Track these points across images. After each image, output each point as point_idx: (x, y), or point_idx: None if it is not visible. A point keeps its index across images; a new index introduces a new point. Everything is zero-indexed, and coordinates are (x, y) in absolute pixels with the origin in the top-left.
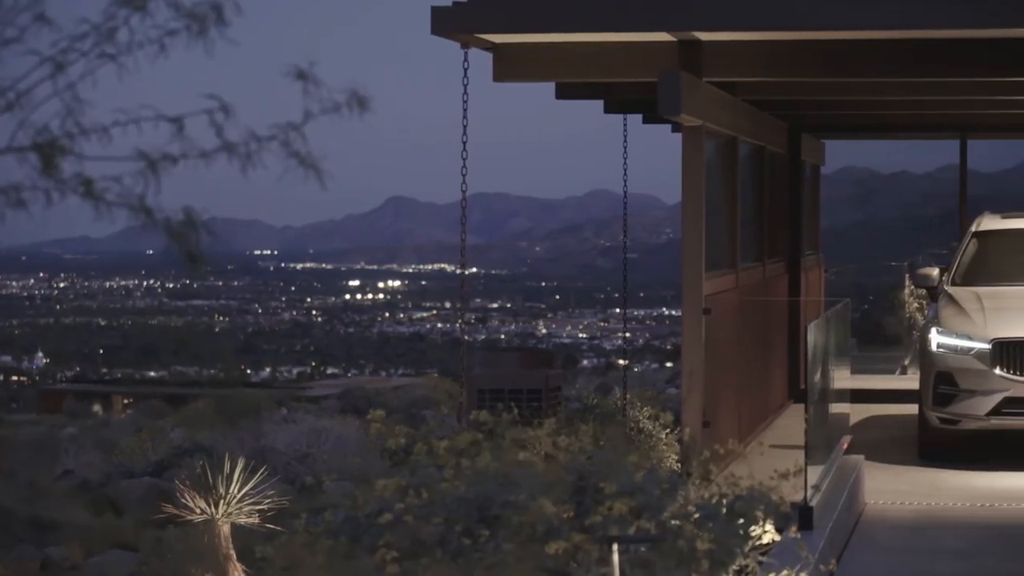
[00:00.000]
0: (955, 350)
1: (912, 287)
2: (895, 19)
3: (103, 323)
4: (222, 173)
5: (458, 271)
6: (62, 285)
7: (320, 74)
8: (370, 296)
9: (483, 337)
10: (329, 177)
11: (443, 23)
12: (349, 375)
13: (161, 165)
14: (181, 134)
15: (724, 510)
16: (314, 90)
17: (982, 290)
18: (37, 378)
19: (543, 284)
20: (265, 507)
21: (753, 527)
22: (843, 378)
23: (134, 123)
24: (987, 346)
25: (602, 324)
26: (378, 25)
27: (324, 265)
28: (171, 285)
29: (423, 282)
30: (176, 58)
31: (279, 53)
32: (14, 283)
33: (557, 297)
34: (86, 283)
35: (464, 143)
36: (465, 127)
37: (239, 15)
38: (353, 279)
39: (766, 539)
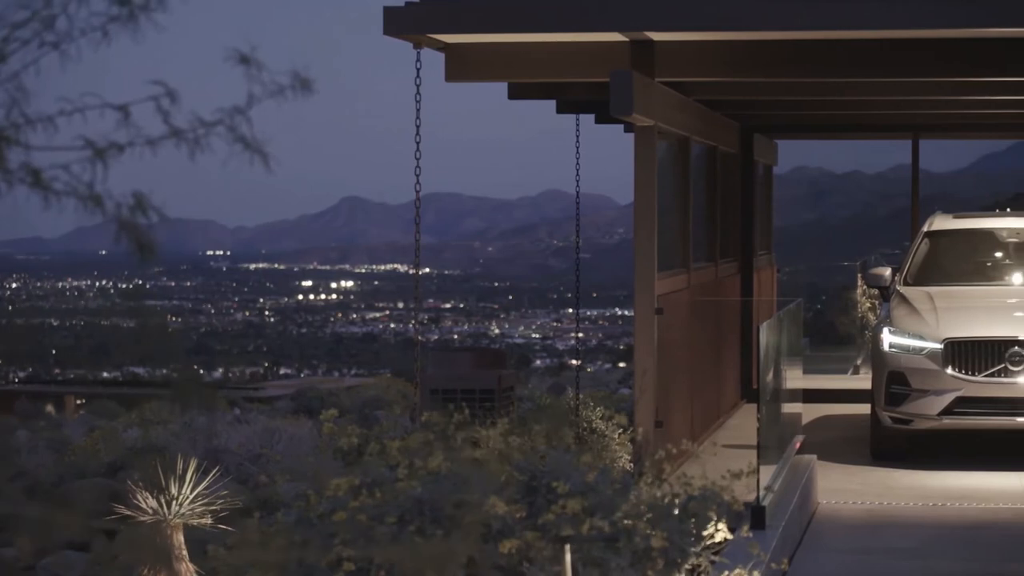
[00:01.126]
0: (907, 350)
1: (864, 287)
2: (847, 20)
3: (55, 323)
4: (176, 174)
5: (411, 271)
6: (14, 286)
7: (272, 71)
8: (323, 296)
9: (436, 337)
10: (275, 161)
11: (395, 23)
12: (302, 375)
13: (108, 153)
14: (127, 122)
15: (677, 510)
16: (257, 74)
17: (934, 290)
18: None
19: (496, 284)
20: (218, 507)
21: (706, 527)
22: (795, 378)
23: (79, 112)
24: (939, 346)
25: (555, 324)
26: (331, 26)
27: (277, 265)
28: (124, 285)
29: (376, 282)
30: (125, 46)
31: (229, 42)
32: None
33: (510, 297)
34: (38, 283)
35: (417, 143)
36: (418, 127)
37: (184, 3)
38: (306, 279)
39: (719, 538)
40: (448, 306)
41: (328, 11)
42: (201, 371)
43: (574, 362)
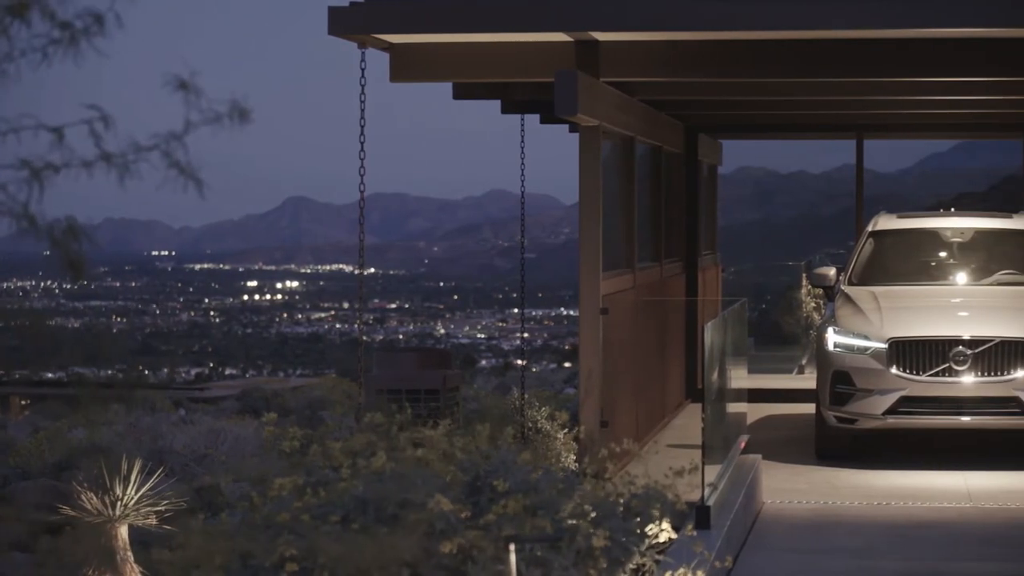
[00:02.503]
0: (852, 349)
1: (809, 287)
2: (791, 20)
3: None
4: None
5: (356, 271)
6: None
7: (216, 74)
8: (268, 297)
9: (381, 337)
10: (208, 188)
11: (340, 23)
12: (247, 376)
13: (44, 174)
14: (61, 143)
15: (620, 509)
16: (196, 100)
17: (878, 290)
18: None
19: (441, 284)
20: (162, 508)
21: (649, 526)
22: (740, 377)
23: (14, 132)
24: (883, 345)
25: (500, 324)
26: (276, 26)
27: (222, 266)
28: (68, 286)
29: (321, 282)
30: (65, 67)
31: (173, 54)
32: None
33: (455, 297)
34: None
35: (362, 143)
36: (363, 128)
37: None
38: (251, 280)
39: (663, 538)
40: (393, 306)
41: (274, 11)
42: (146, 371)
43: (519, 362)
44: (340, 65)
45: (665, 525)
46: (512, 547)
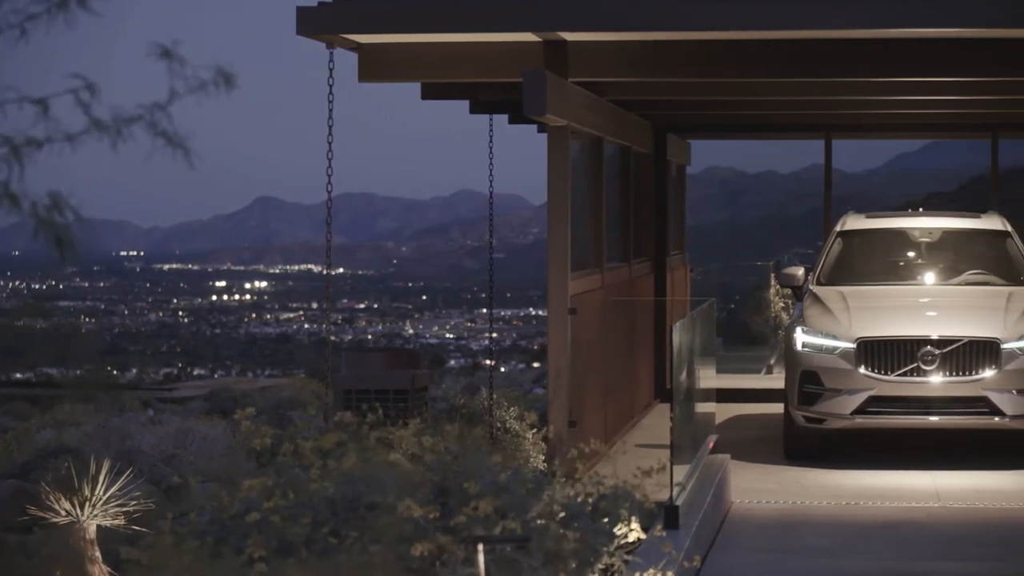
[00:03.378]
0: (820, 349)
1: (778, 286)
2: (758, 20)
3: None
4: (89, 174)
5: (324, 271)
6: None
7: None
8: (237, 297)
9: (350, 337)
10: (193, 157)
11: (308, 23)
12: (216, 376)
13: (25, 150)
14: (46, 116)
15: (589, 509)
16: (179, 69)
17: (847, 289)
18: None
19: (410, 284)
20: (131, 509)
21: (618, 526)
22: (709, 377)
23: None
24: (852, 345)
25: (469, 324)
26: (243, 26)
27: (191, 266)
28: (37, 286)
29: (290, 283)
30: (49, 43)
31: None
32: None
33: (424, 297)
34: None
35: (330, 144)
36: (330, 128)
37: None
38: (220, 280)
39: (632, 538)
40: (362, 306)
41: (241, 11)
42: (115, 372)
43: (488, 362)
44: (309, 65)
45: (634, 525)
46: (481, 548)
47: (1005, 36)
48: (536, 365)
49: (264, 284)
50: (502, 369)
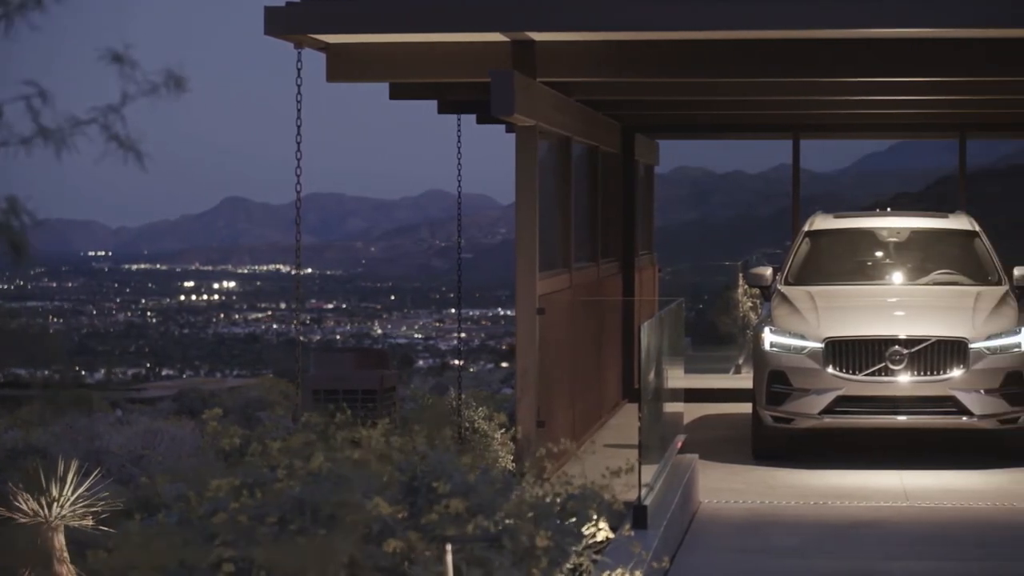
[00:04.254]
0: (788, 349)
1: (746, 286)
2: (725, 20)
3: None
4: (57, 174)
5: (293, 271)
6: None
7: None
8: (205, 297)
9: (319, 338)
10: (155, 160)
11: (276, 23)
12: (184, 376)
13: None
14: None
15: (557, 509)
16: (131, 73)
17: (815, 289)
18: None
19: (378, 284)
20: (99, 509)
21: (587, 526)
22: (677, 377)
23: None
24: (820, 345)
25: (437, 324)
26: (212, 26)
27: (159, 266)
28: (4, 287)
29: (258, 283)
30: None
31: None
32: None
33: (392, 297)
34: None
35: (298, 143)
36: (299, 128)
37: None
38: (188, 280)
39: (600, 537)
40: (330, 306)
41: (209, 10)
42: (83, 372)
43: (456, 362)
44: (278, 65)
45: (602, 525)
46: (449, 547)
47: (973, 36)
48: (505, 365)
49: (232, 284)
50: (471, 369)
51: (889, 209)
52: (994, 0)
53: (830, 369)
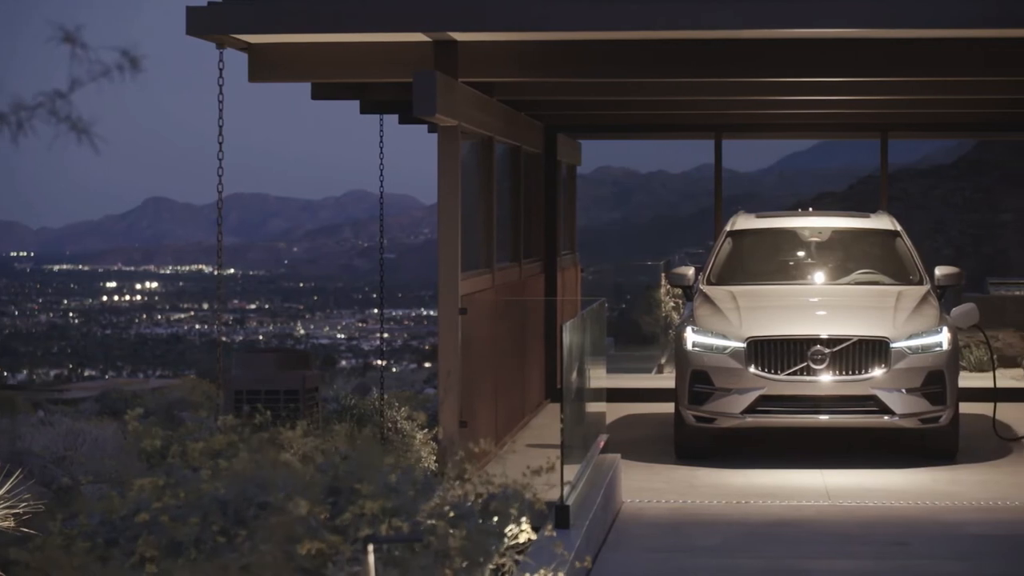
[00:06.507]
0: (710, 349)
1: (668, 286)
2: (645, 20)
3: None
4: None
5: (215, 272)
6: None
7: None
8: (128, 297)
9: (241, 338)
10: (102, 141)
11: (198, 23)
12: (107, 377)
13: None
14: None
15: (479, 509)
16: (82, 54)
17: (737, 289)
18: None
19: (301, 285)
20: (20, 511)
21: (509, 526)
22: (599, 377)
23: None
24: (742, 345)
25: (360, 325)
26: (132, 25)
27: (81, 266)
28: None
29: (181, 283)
30: None
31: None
32: None
33: (315, 298)
34: None
35: (220, 144)
36: (221, 128)
37: None
38: (110, 280)
39: (523, 538)
40: (253, 307)
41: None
42: (5, 373)
43: (379, 362)
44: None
45: (524, 525)
46: (370, 548)
47: (894, 36)
48: (427, 365)
49: (155, 285)
50: (393, 369)
51: (811, 209)
52: (905, 1)
53: (752, 369)
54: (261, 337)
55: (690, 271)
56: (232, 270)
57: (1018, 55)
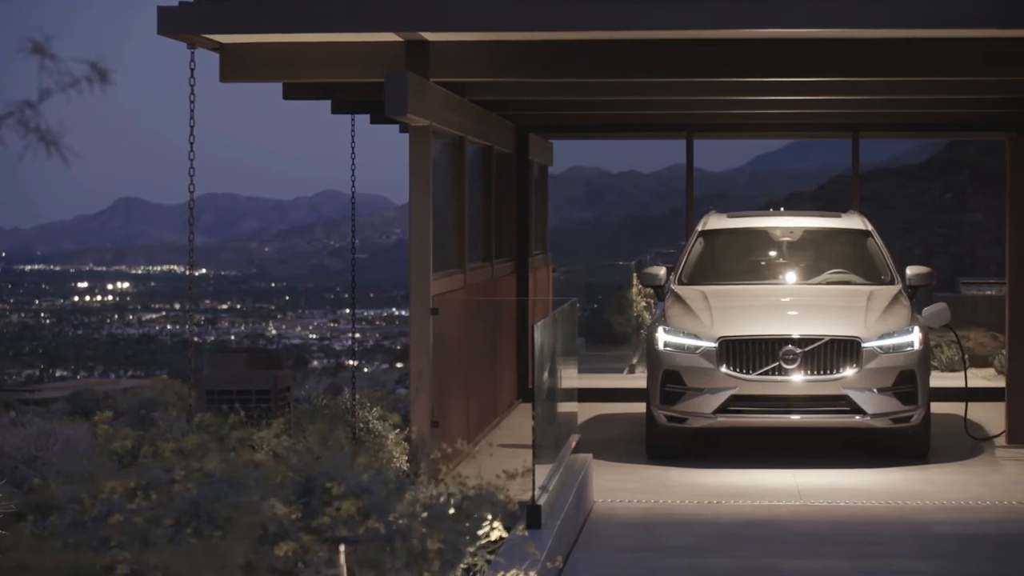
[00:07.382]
0: (682, 349)
1: (640, 286)
2: (617, 20)
3: None
4: None
5: (187, 272)
6: None
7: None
8: (99, 298)
9: (213, 338)
10: (71, 153)
11: (169, 23)
12: (78, 377)
13: None
14: None
15: (452, 509)
16: (52, 65)
17: (708, 289)
18: None
19: (273, 285)
20: None
21: (481, 526)
22: (571, 377)
23: None
24: (713, 344)
25: (332, 325)
26: (102, 25)
27: (53, 267)
28: None
29: (152, 283)
30: None
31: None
32: None
33: (287, 298)
34: None
35: (191, 144)
36: (192, 128)
37: None
38: (82, 281)
39: (495, 537)
40: (225, 307)
41: (101, 10)
42: None
43: (351, 362)
44: (172, 64)
45: (496, 525)
46: (343, 548)
47: (865, 36)
48: (399, 365)
49: (127, 285)
50: (365, 369)
51: (782, 209)
52: (874, 2)
53: (724, 368)
54: (233, 337)
55: (662, 271)
56: (204, 270)
57: (989, 55)
